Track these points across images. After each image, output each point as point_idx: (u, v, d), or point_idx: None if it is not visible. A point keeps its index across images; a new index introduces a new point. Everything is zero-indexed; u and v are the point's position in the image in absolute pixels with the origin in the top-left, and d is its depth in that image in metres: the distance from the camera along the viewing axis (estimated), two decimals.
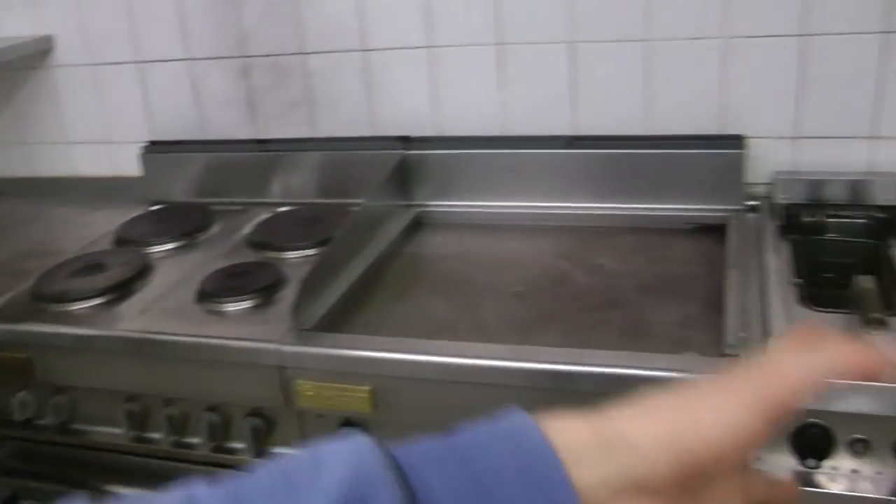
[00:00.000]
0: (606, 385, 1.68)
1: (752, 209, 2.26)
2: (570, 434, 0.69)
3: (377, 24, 2.39)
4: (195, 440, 1.97)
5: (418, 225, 2.40)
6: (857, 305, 1.69)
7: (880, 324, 1.62)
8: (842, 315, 1.76)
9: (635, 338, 1.83)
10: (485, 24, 2.31)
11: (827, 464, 1.66)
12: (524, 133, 2.39)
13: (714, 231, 2.18)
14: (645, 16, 2.22)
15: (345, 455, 0.68)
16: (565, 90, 2.33)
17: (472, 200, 2.40)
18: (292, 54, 2.48)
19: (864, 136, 2.22)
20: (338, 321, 1.94)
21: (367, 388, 1.79)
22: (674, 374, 1.64)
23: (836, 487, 1.67)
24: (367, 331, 1.93)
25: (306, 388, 1.83)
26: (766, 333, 1.74)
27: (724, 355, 1.67)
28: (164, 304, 2.05)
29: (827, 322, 1.76)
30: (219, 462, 1.97)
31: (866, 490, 1.66)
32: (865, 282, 1.72)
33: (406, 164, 2.41)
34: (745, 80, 2.23)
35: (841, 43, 2.16)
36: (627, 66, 2.27)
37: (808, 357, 0.73)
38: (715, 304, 1.87)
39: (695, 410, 0.71)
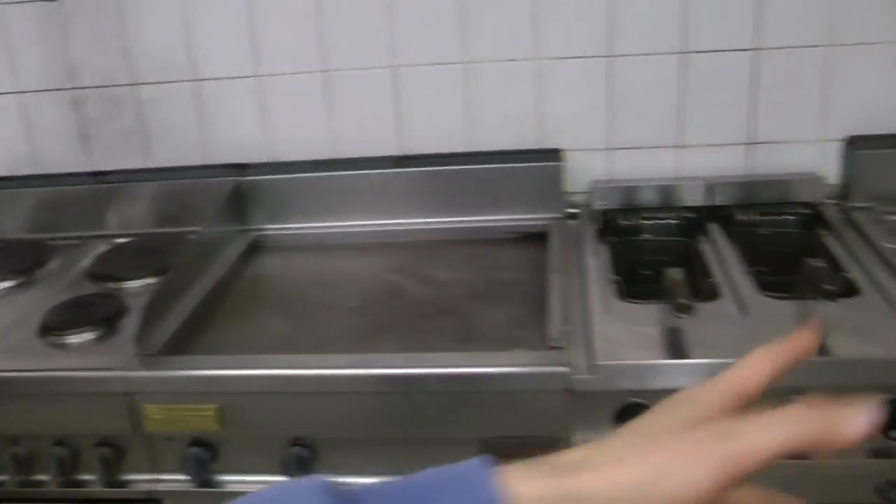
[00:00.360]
0: (442, 385, 1.78)
1: (573, 216, 2.41)
2: (527, 485, 0.67)
3: (206, 54, 2.44)
4: (43, 477, 1.96)
5: (256, 249, 2.46)
6: (668, 295, 1.84)
7: (687, 309, 1.77)
8: (653, 305, 1.91)
9: (467, 340, 1.94)
10: (310, 51, 2.39)
11: None
12: (353, 155, 2.47)
13: (538, 238, 2.32)
14: (462, 39, 2.34)
15: (300, 499, 0.70)
16: (390, 112, 2.43)
17: (306, 222, 2.47)
18: (124, 85, 2.50)
19: (670, 146, 2.42)
20: (182, 345, 1.98)
21: (212, 406, 1.84)
22: (505, 370, 1.76)
23: None
24: (211, 351, 1.98)
25: (154, 412, 1.86)
26: (586, 326, 1.88)
27: (549, 348, 1.79)
28: (4, 343, 2.04)
29: (641, 311, 1.92)
30: (68, 497, 1.97)
31: None
32: (674, 273, 1.87)
33: (241, 190, 2.47)
34: (559, 97, 2.39)
35: (644, 62, 2.36)
36: (448, 87, 2.39)
37: (777, 423, 0.69)
38: (541, 305, 2.00)
39: (656, 464, 0.67)
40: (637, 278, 2.25)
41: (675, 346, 1.79)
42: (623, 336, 1.83)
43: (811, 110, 2.39)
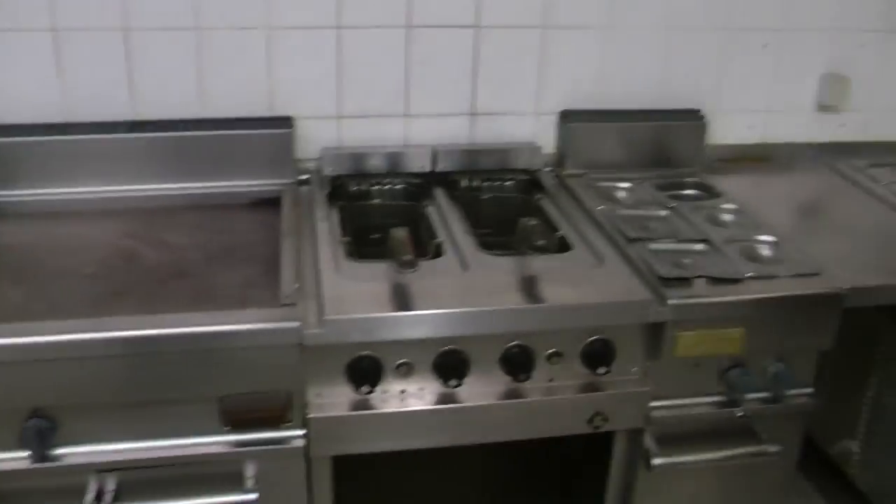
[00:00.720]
0: (178, 345, 1.80)
1: (304, 182, 2.47)
2: None
3: None
4: None
5: None
6: (392, 253, 1.94)
7: (410, 264, 1.88)
8: (381, 263, 2.01)
9: (204, 302, 1.96)
10: (37, 7, 2.31)
11: (379, 388, 1.91)
12: (86, 119, 2.42)
13: (271, 203, 2.37)
14: (194, 5, 2.35)
15: None
16: (123, 76, 2.40)
17: (38, 188, 2.39)
18: None
19: (398, 115, 2.53)
20: None
21: None
22: (239, 328, 1.80)
23: (390, 407, 1.92)
24: None
25: None
26: (317, 285, 1.95)
27: (282, 305, 1.85)
28: None
29: (369, 269, 2.01)
30: None
31: (415, 405, 1.93)
32: (398, 232, 1.97)
33: None
34: (290, 66, 2.44)
35: (372, 34, 2.45)
36: (181, 53, 2.39)
37: None
38: (274, 267, 2.05)
39: None
40: (366, 241, 2.35)
41: (401, 299, 1.90)
42: (352, 293, 1.91)
43: (529, 85, 2.57)
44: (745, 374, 2.06)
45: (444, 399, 1.94)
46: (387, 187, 2.49)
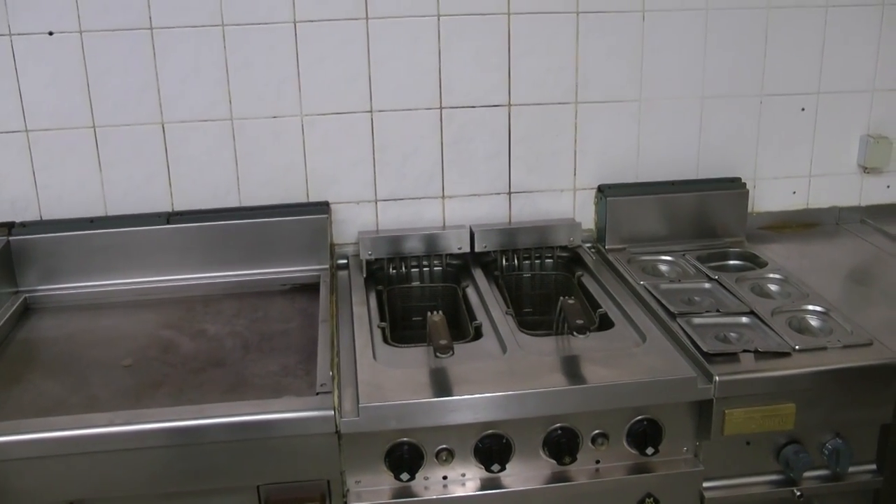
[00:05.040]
0: (214, 435, 1.78)
1: (343, 267, 2.46)
2: None
3: None
4: None
5: (27, 311, 2.37)
6: (430, 337, 1.91)
7: (447, 349, 1.85)
8: (418, 348, 1.98)
9: (240, 391, 1.94)
10: (76, 107, 2.36)
11: (420, 475, 1.86)
12: (125, 212, 2.44)
13: (309, 289, 2.36)
14: (227, 96, 2.38)
15: None
16: (163, 168, 2.42)
17: (79, 282, 2.41)
18: None
19: (434, 196, 2.52)
20: None
21: None
22: (275, 417, 1.77)
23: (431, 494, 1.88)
24: None
25: None
26: (354, 371, 1.92)
27: (317, 393, 1.82)
28: None
29: (406, 354, 1.98)
30: None
31: (458, 492, 1.89)
32: (435, 317, 1.94)
33: (10, 250, 2.39)
34: (324, 151, 2.46)
35: (404, 117, 2.47)
36: (216, 143, 2.41)
37: None
38: (311, 354, 2.03)
39: None
40: (407, 324, 2.32)
41: (439, 384, 1.86)
42: (389, 379, 1.88)
43: (564, 161, 2.56)
44: (800, 451, 1.98)
45: (487, 485, 1.89)
46: (425, 269, 2.47)
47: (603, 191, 2.55)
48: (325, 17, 2.36)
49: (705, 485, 1.97)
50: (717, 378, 1.88)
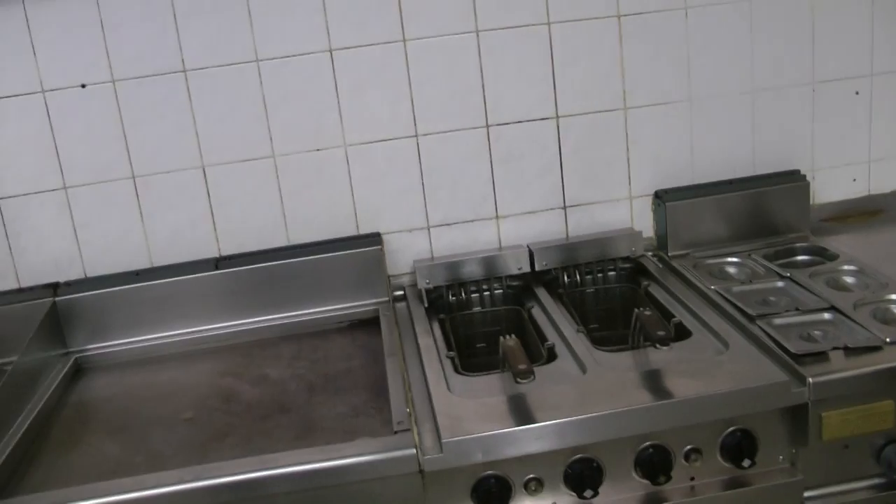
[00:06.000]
0: (288, 485, 1.71)
1: (401, 298, 2.39)
2: None
3: (6, 170, 2.32)
4: None
5: (79, 371, 2.32)
6: (505, 363, 1.83)
7: (527, 374, 1.77)
8: (493, 375, 1.90)
9: (309, 436, 1.87)
10: (114, 158, 2.31)
11: None
12: (171, 261, 2.39)
13: (368, 324, 2.29)
14: (267, 133, 2.33)
15: None
16: (206, 213, 2.36)
17: (129, 337, 2.36)
18: None
19: (488, 217, 2.44)
20: (8, 485, 1.82)
21: None
22: (351, 461, 1.70)
23: None
24: (38, 489, 1.82)
25: None
26: (429, 405, 1.84)
27: (395, 432, 1.75)
28: None
29: (481, 383, 1.90)
30: None
31: None
32: (509, 341, 1.86)
33: (56, 311, 2.33)
34: (371, 181, 2.39)
35: (451, 138, 2.40)
36: (260, 182, 2.35)
37: None
38: (379, 391, 1.96)
39: None
40: (473, 351, 2.25)
41: (520, 411, 1.78)
42: (467, 410, 1.80)
43: (618, 169, 2.48)
44: None
45: None
46: (486, 294, 2.40)
47: (660, 196, 2.47)
48: (361, 42, 2.30)
49: (806, 494, 1.87)
50: (810, 380, 1.79)
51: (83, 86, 2.27)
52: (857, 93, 2.56)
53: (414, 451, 1.70)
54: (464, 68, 2.35)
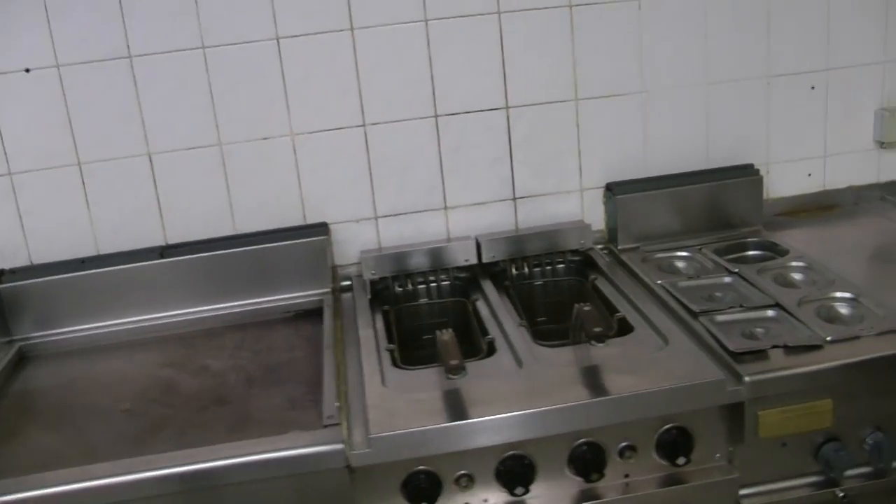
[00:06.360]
0: (219, 478, 1.69)
1: (346, 289, 2.36)
2: None
3: None
4: None
5: (22, 359, 2.28)
6: (440, 357, 1.81)
7: (458, 370, 1.75)
8: (430, 369, 1.88)
9: (245, 429, 1.84)
10: (59, 145, 2.28)
11: None
12: (118, 249, 2.35)
13: (314, 315, 2.26)
14: (213, 121, 2.30)
15: None
16: (153, 201, 2.33)
17: (74, 325, 2.33)
18: None
19: (436, 208, 2.42)
20: None
21: None
22: (279, 455, 1.67)
23: None
24: None
25: None
26: (362, 398, 1.82)
27: (324, 426, 1.72)
28: None
29: (417, 377, 1.88)
30: None
31: None
32: (444, 335, 1.84)
33: (0, 298, 2.30)
34: (318, 170, 2.36)
35: (399, 129, 2.37)
36: (205, 171, 2.32)
37: None
38: (318, 383, 1.93)
39: None
40: (420, 343, 2.23)
41: (453, 407, 1.76)
42: (400, 405, 1.78)
43: (569, 161, 2.46)
44: (840, 448, 1.86)
45: None
46: (433, 285, 2.38)
47: (611, 189, 2.45)
48: (308, 30, 2.27)
49: (742, 492, 1.86)
50: (746, 378, 1.78)
51: (27, 70, 2.23)
52: (812, 87, 2.54)
53: (341, 446, 1.68)
54: (413, 58, 2.32)
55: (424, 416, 1.74)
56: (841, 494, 1.90)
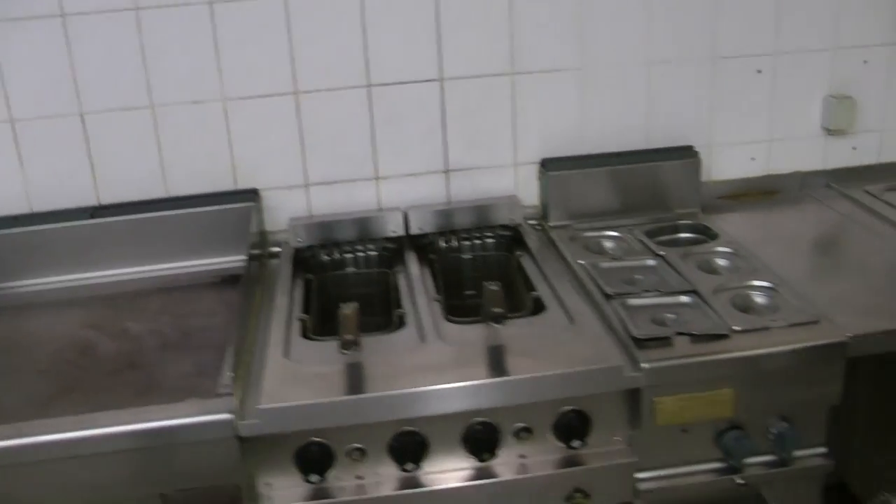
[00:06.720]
0: (112, 444, 1.69)
1: (274, 255, 2.36)
2: None
3: None
4: None
5: None
6: (341, 330, 1.81)
7: (352, 344, 1.75)
8: (334, 341, 1.87)
9: (149, 393, 1.86)
10: None
11: (332, 475, 1.76)
12: (51, 208, 2.35)
13: (239, 281, 2.26)
14: (146, 83, 2.29)
15: None
16: (86, 161, 2.33)
17: (3, 282, 2.33)
18: None
19: (368, 178, 2.41)
20: None
21: None
22: (171, 423, 1.68)
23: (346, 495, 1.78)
24: None
25: None
26: (261, 368, 1.82)
27: (217, 395, 1.73)
28: None
29: (322, 349, 1.88)
30: None
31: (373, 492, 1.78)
32: (345, 309, 1.84)
33: None
34: (250, 136, 2.35)
35: (331, 97, 2.35)
36: (137, 133, 2.31)
37: None
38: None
39: None
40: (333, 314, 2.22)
41: (350, 381, 1.77)
42: (297, 377, 1.79)
43: (503, 136, 2.44)
44: (741, 437, 1.86)
45: (405, 484, 1.80)
46: (360, 255, 2.37)
47: (545, 165, 2.43)
48: None
49: (639, 476, 1.86)
50: (644, 365, 1.77)
51: None
52: (759, 71, 2.51)
53: (230, 416, 1.68)
54: (346, 26, 2.30)
55: (318, 390, 1.74)
56: (740, 482, 1.90)
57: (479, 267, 2.39)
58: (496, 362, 1.81)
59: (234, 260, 2.33)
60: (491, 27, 2.34)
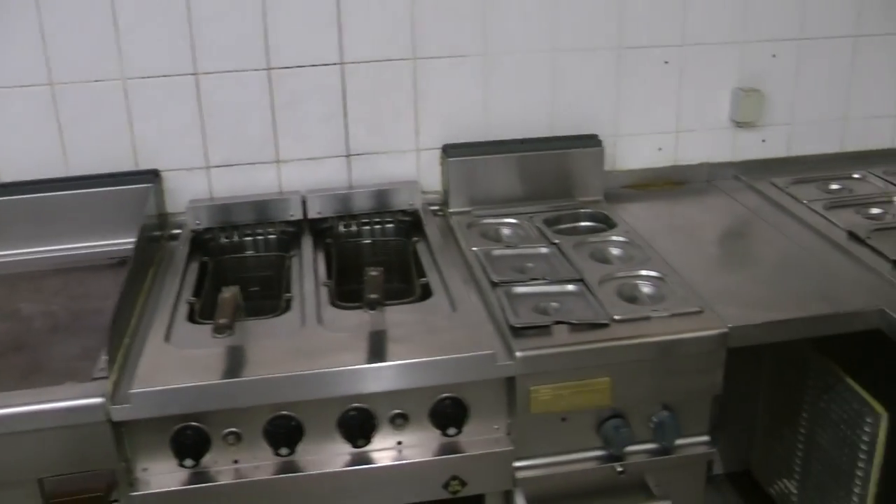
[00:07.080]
0: None
1: (174, 238, 2.36)
2: None
3: None
4: None
5: None
6: (217, 314, 1.81)
7: (225, 329, 1.75)
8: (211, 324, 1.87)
9: (32, 377, 1.85)
10: None
11: (209, 460, 1.76)
12: None
13: None
14: (42, 62, 2.26)
15: None
16: None
17: None
18: None
19: (268, 161, 2.40)
20: None
21: None
22: (43, 407, 1.68)
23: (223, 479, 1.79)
24: None
25: None
26: (140, 351, 1.83)
27: (93, 379, 1.73)
28: None
29: (202, 333, 1.88)
30: None
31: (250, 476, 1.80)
32: (225, 293, 1.84)
33: None
34: (149, 117, 2.33)
35: (231, 79, 2.34)
36: (37, 111, 2.30)
37: None
38: None
39: None
40: (247, 295, 2.22)
41: (225, 366, 1.77)
42: (174, 361, 1.79)
43: (405, 121, 2.44)
44: (621, 426, 1.89)
45: (282, 469, 1.81)
46: (259, 238, 2.37)
47: (447, 151, 2.44)
48: None
49: (517, 464, 1.88)
50: (518, 354, 1.79)
51: None
52: (666, 62, 2.53)
53: (101, 400, 1.68)
54: (246, 8, 2.28)
55: (192, 373, 1.75)
56: (619, 470, 1.92)
57: (379, 252, 2.39)
58: (374, 348, 1.82)
59: (131, 241, 2.31)
60: (393, 12, 2.34)
